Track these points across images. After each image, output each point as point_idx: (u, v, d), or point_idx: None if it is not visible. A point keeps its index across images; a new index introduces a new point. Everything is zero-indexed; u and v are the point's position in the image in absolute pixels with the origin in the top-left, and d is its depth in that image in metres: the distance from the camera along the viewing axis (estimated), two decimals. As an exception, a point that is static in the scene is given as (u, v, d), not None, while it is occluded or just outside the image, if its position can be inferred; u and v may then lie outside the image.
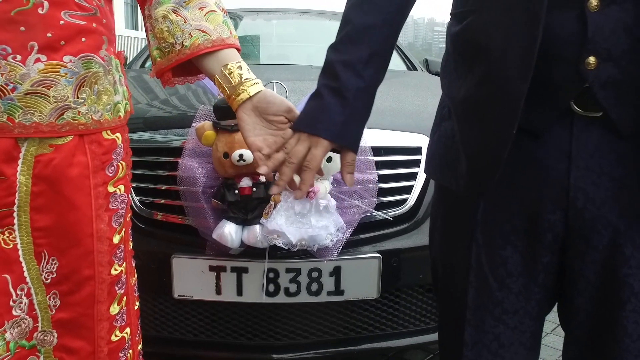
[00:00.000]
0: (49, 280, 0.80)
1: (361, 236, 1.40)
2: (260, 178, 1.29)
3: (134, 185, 1.41)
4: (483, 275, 0.80)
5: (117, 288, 0.87)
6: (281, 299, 1.36)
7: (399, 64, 2.73)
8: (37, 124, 0.75)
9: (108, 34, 0.83)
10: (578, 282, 0.76)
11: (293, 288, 1.36)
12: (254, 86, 0.90)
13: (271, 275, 1.35)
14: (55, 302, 0.81)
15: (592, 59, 0.66)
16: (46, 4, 0.73)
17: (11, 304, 0.78)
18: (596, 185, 0.71)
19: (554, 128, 0.72)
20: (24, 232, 0.78)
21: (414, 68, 2.73)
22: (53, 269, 0.80)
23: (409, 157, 1.48)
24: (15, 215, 0.77)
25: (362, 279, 1.39)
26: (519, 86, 0.68)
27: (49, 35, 0.74)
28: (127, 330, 0.90)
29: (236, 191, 1.28)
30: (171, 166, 1.40)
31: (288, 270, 1.35)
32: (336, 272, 1.36)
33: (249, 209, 1.28)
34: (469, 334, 0.82)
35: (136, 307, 0.95)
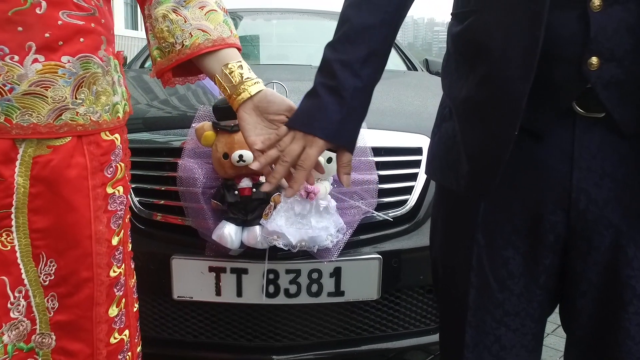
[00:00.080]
0: (47, 282, 0.80)
1: (361, 237, 1.40)
2: (260, 179, 1.29)
3: (133, 186, 1.41)
4: (484, 277, 0.80)
5: (115, 290, 0.86)
6: (281, 300, 1.36)
7: (399, 64, 2.73)
8: (35, 125, 0.75)
9: (107, 34, 0.82)
10: (580, 283, 0.75)
11: (293, 289, 1.36)
12: (255, 85, 0.89)
13: (271, 276, 1.34)
14: (53, 305, 0.81)
15: (594, 59, 0.66)
16: (44, 3, 0.72)
17: (9, 306, 0.78)
18: (598, 186, 0.70)
19: (556, 129, 0.72)
20: (21, 234, 0.77)
21: (414, 68, 2.72)
22: (51, 271, 0.79)
23: (409, 157, 1.48)
24: (13, 216, 0.77)
25: (363, 280, 1.38)
26: (521, 86, 0.68)
27: (47, 35, 0.73)
28: (126, 332, 0.89)
29: (236, 192, 1.27)
30: (171, 167, 1.40)
31: (288, 271, 1.35)
32: (336, 273, 1.36)
33: (249, 210, 1.27)
34: (469, 336, 0.82)
35: (135, 309, 0.94)
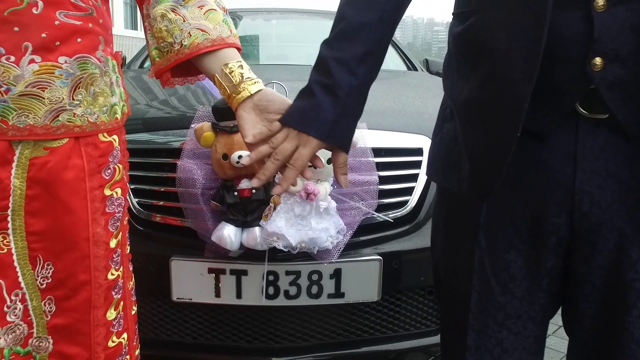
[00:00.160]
0: (44, 286, 0.79)
1: (362, 238, 1.39)
2: None
3: (132, 186, 1.40)
4: (486, 280, 0.79)
5: (113, 293, 0.85)
6: (281, 301, 1.35)
7: (399, 64, 2.72)
8: (32, 126, 0.74)
9: (105, 35, 0.82)
10: (583, 286, 0.74)
11: (293, 291, 1.35)
12: (255, 85, 0.89)
13: (271, 277, 1.34)
14: (50, 308, 0.80)
15: (598, 60, 0.65)
16: (41, 3, 0.72)
17: (5, 309, 0.77)
18: (602, 189, 0.70)
19: (559, 130, 0.71)
20: (18, 237, 0.76)
21: (414, 68, 2.71)
22: (48, 274, 0.79)
23: (409, 158, 1.47)
24: (9, 219, 0.76)
25: (363, 281, 1.38)
26: (523, 87, 0.67)
27: (43, 35, 0.72)
28: (125, 335, 0.89)
29: (235, 193, 1.27)
30: (170, 168, 1.39)
31: (288, 273, 1.34)
32: (336, 274, 1.35)
33: (249, 211, 1.26)
34: (471, 339, 0.81)
35: (133, 312, 0.93)
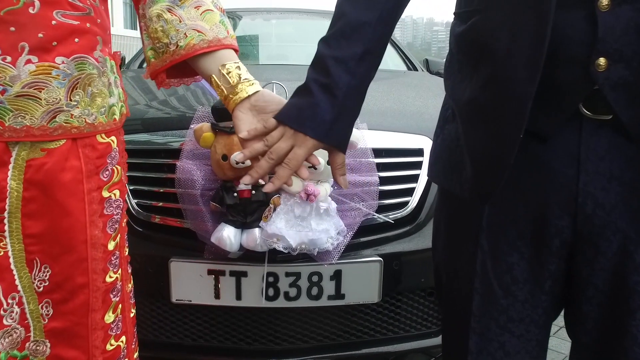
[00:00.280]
0: (41, 289, 0.78)
1: (362, 239, 1.39)
2: (259, 181, 1.27)
3: (131, 187, 1.40)
4: (488, 282, 0.78)
5: (112, 296, 0.84)
6: (281, 303, 1.35)
7: (399, 64, 2.71)
8: (29, 128, 0.73)
9: (103, 35, 0.81)
10: (586, 289, 0.74)
11: (293, 292, 1.34)
12: (253, 86, 0.88)
13: (271, 279, 1.33)
14: (48, 311, 0.79)
15: (602, 60, 0.64)
16: (37, 3, 0.71)
17: (2, 313, 0.76)
18: (606, 190, 0.69)
19: (562, 131, 0.70)
20: (15, 239, 0.76)
21: (414, 68, 2.70)
22: (45, 276, 0.78)
23: (410, 159, 1.46)
24: (6, 221, 0.75)
25: (363, 282, 1.37)
26: (526, 88, 0.66)
27: (40, 35, 0.72)
28: (123, 338, 0.88)
29: (235, 194, 1.26)
30: (169, 168, 1.39)
31: (288, 274, 1.33)
32: (337, 276, 1.35)
33: (248, 212, 1.26)
34: (473, 342, 0.81)
35: (132, 315, 0.92)
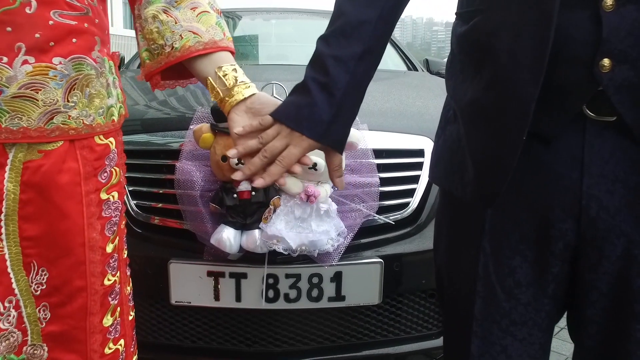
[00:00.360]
0: (38, 292, 0.77)
1: (362, 241, 1.38)
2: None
3: (130, 188, 1.39)
4: (490, 286, 0.78)
5: (110, 299, 0.84)
6: (281, 305, 1.34)
7: (399, 64, 2.70)
8: (25, 129, 0.72)
9: (101, 35, 0.80)
10: (590, 293, 0.73)
11: (293, 294, 1.34)
12: (249, 89, 0.87)
13: (271, 281, 1.32)
14: (45, 315, 0.78)
15: (606, 61, 0.63)
16: (34, 3, 0.70)
17: None
18: (610, 193, 0.68)
19: (566, 133, 0.69)
20: (12, 242, 0.75)
21: (414, 68, 2.70)
22: (43, 280, 0.77)
23: (411, 159, 1.46)
24: (2, 224, 0.74)
25: (364, 284, 1.37)
26: (530, 90, 0.65)
27: (37, 35, 0.71)
28: (122, 341, 0.87)
29: (235, 195, 1.25)
30: (168, 169, 1.38)
31: (288, 276, 1.33)
32: (337, 277, 1.34)
33: (248, 214, 1.25)
34: (475, 346, 0.80)
35: (131, 317, 0.92)
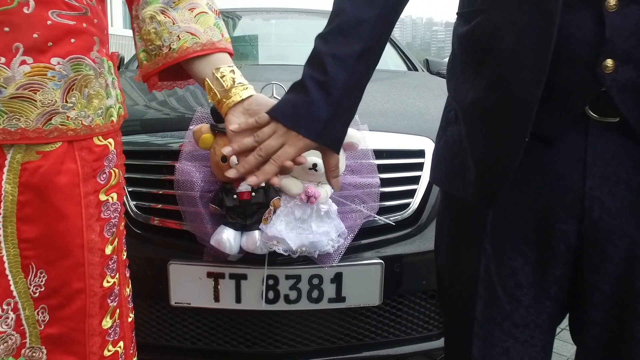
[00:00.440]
0: (37, 294, 0.77)
1: (363, 242, 1.37)
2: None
3: (129, 189, 1.38)
4: (492, 287, 0.77)
5: (109, 301, 0.83)
6: (281, 306, 1.34)
7: (399, 64, 2.70)
8: (23, 130, 0.72)
9: (100, 35, 0.79)
10: (592, 294, 0.72)
11: (293, 295, 1.33)
12: (247, 90, 0.87)
13: (271, 282, 1.32)
14: (44, 317, 0.78)
15: (609, 62, 0.63)
16: (32, 3, 0.69)
17: None
18: (612, 195, 0.67)
19: (568, 134, 0.69)
20: (10, 244, 0.74)
21: (414, 68, 2.69)
22: (41, 282, 0.76)
23: (411, 160, 1.45)
24: (0, 226, 0.73)
25: (364, 285, 1.36)
26: (532, 90, 0.65)
27: (35, 36, 0.70)
28: (121, 343, 0.86)
29: (235, 196, 1.24)
30: (168, 170, 1.37)
31: (288, 277, 1.32)
32: (337, 278, 1.34)
33: (248, 215, 1.24)
34: (477, 348, 0.80)
35: (130, 319, 0.91)
